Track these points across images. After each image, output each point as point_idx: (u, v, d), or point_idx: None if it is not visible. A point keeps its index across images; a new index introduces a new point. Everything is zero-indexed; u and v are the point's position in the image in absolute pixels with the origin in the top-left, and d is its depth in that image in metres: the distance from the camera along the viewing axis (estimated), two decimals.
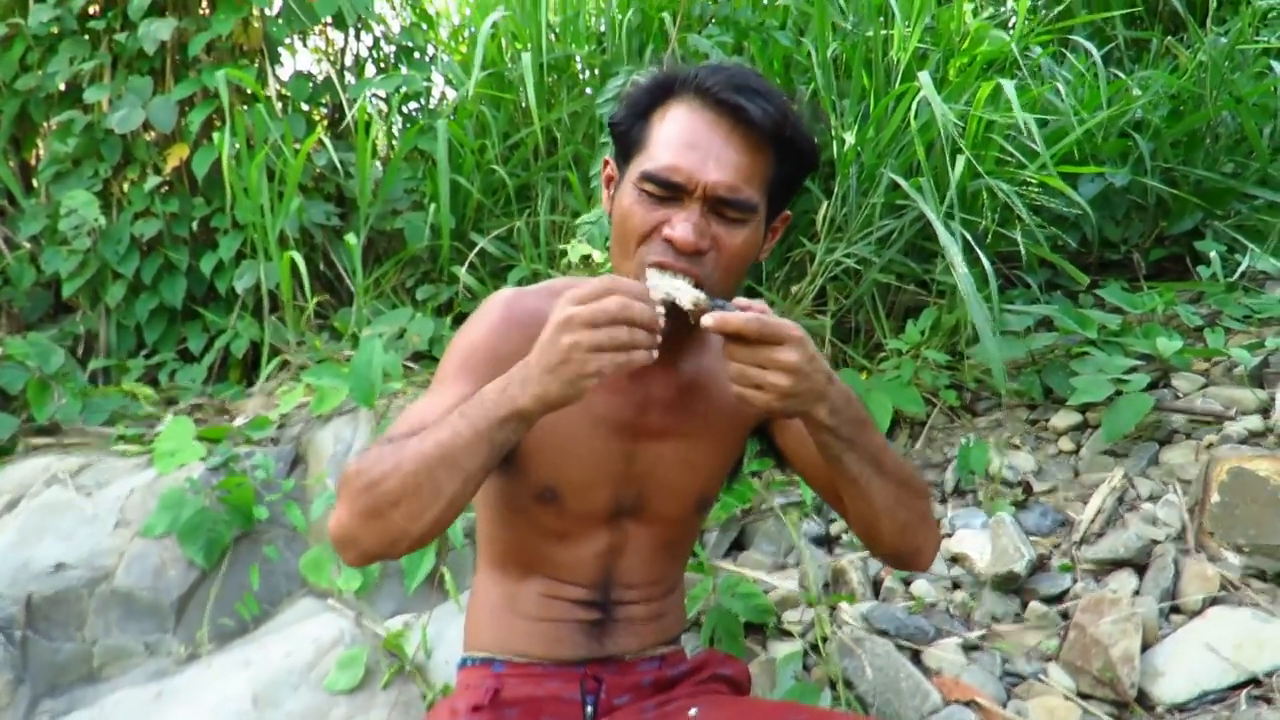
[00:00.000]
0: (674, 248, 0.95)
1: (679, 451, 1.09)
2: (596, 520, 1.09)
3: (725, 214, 0.96)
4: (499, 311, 1.05)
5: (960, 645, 1.56)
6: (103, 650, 1.79)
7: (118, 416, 2.41)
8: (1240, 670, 1.36)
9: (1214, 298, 2.26)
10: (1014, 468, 1.98)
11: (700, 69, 0.97)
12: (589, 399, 0.97)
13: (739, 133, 0.95)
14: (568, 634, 1.12)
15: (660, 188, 0.95)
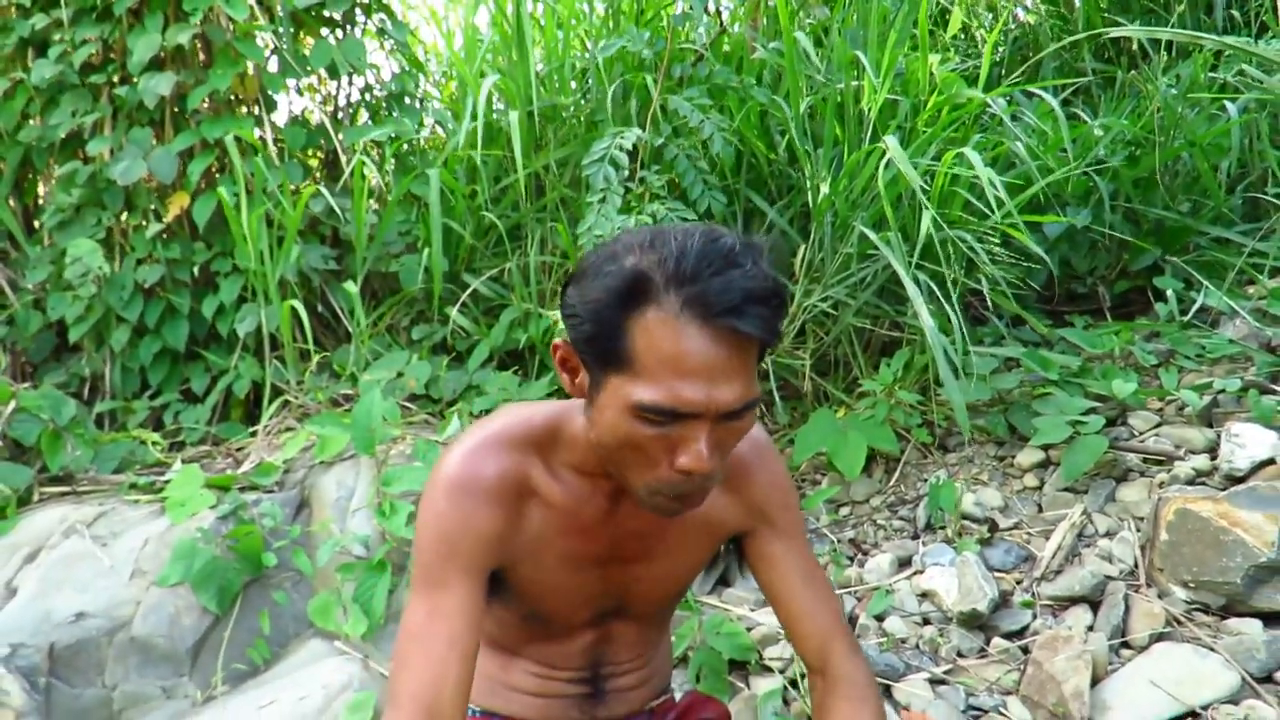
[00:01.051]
0: (690, 476, 0.90)
1: (654, 569, 1.13)
2: (581, 627, 1.17)
3: (733, 417, 0.90)
4: (461, 494, 1.01)
5: (928, 680, 1.67)
6: (122, 696, 1.89)
7: (127, 463, 2.50)
8: (1180, 704, 1.48)
9: (1169, 336, 2.39)
10: (981, 504, 2.10)
11: (672, 267, 0.85)
12: (563, 545, 1.06)
13: (738, 346, 0.86)
14: (560, 707, 1.20)
15: (664, 416, 0.87)
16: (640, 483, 0.93)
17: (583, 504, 1.05)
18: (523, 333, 2.76)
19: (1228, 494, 1.69)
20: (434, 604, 0.98)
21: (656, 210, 2.40)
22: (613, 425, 0.90)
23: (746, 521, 1.13)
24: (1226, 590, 1.64)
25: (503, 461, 1.03)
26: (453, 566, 1.00)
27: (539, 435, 1.05)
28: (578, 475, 1.05)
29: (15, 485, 2.26)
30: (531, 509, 1.05)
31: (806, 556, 1.14)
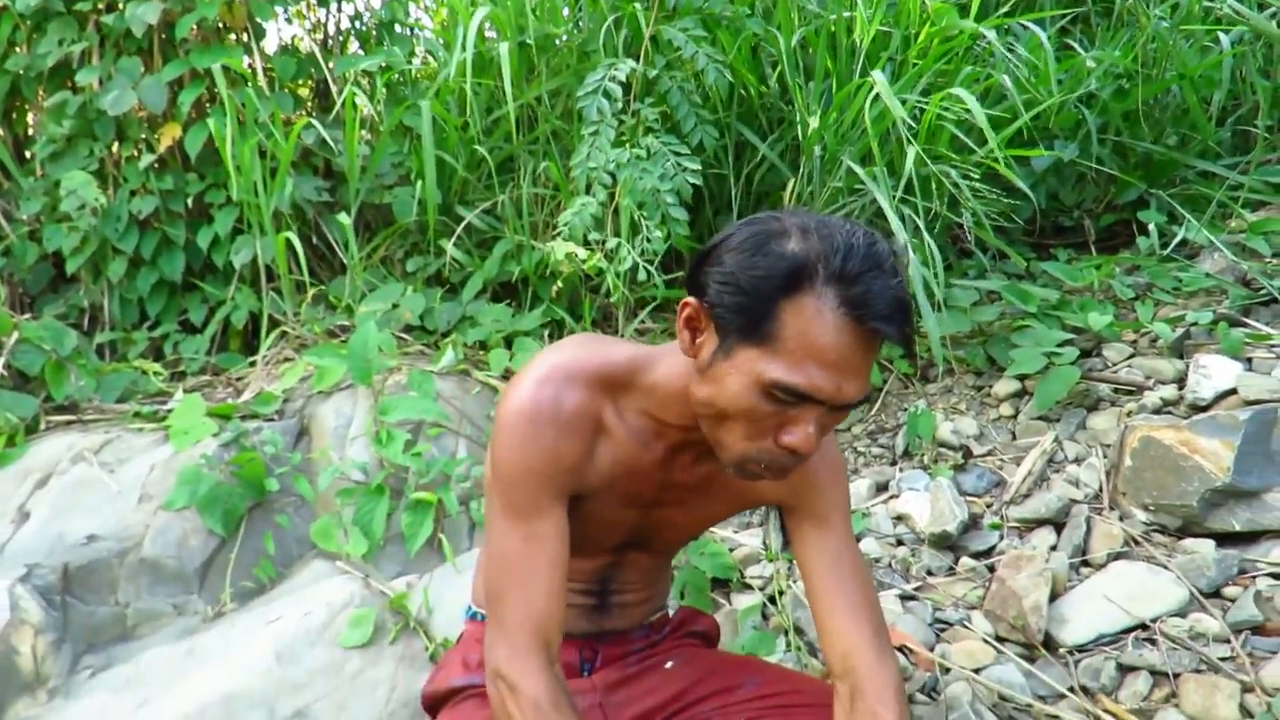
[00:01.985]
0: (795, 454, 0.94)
1: (686, 516, 1.19)
2: (601, 553, 1.24)
3: (844, 408, 0.94)
4: (544, 421, 1.03)
5: (898, 596, 1.77)
6: (135, 612, 1.98)
7: (130, 393, 2.57)
8: (1132, 616, 1.57)
9: (1148, 270, 2.44)
10: (958, 432, 2.18)
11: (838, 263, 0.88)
12: (624, 485, 1.10)
13: (872, 348, 0.92)
14: (568, 615, 1.29)
15: (793, 397, 0.91)
16: (737, 449, 0.96)
17: (643, 450, 1.08)
18: (516, 265, 2.80)
19: (1189, 422, 1.77)
20: (529, 530, 1.03)
21: (650, 144, 2.42)
22: (735, 394, 0.93)
23: (791, 497, 1.14)
24: (1183, 512, 1.72)
25: (580, 394, 1.05)
26: (543, 494, 1.04)
27: (616, 375, 1.07)
28: (644, 421, 1.08)
29: (22, 414, 2.33)
30: (601, 445, 1.07)
31: (846, 545, 1.14)
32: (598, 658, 1.33)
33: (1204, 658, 1.48)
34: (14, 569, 1.91)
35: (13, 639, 1.79)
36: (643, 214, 2.30)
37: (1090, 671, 1.53)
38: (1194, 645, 1.51)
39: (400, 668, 1.72)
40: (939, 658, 1.60)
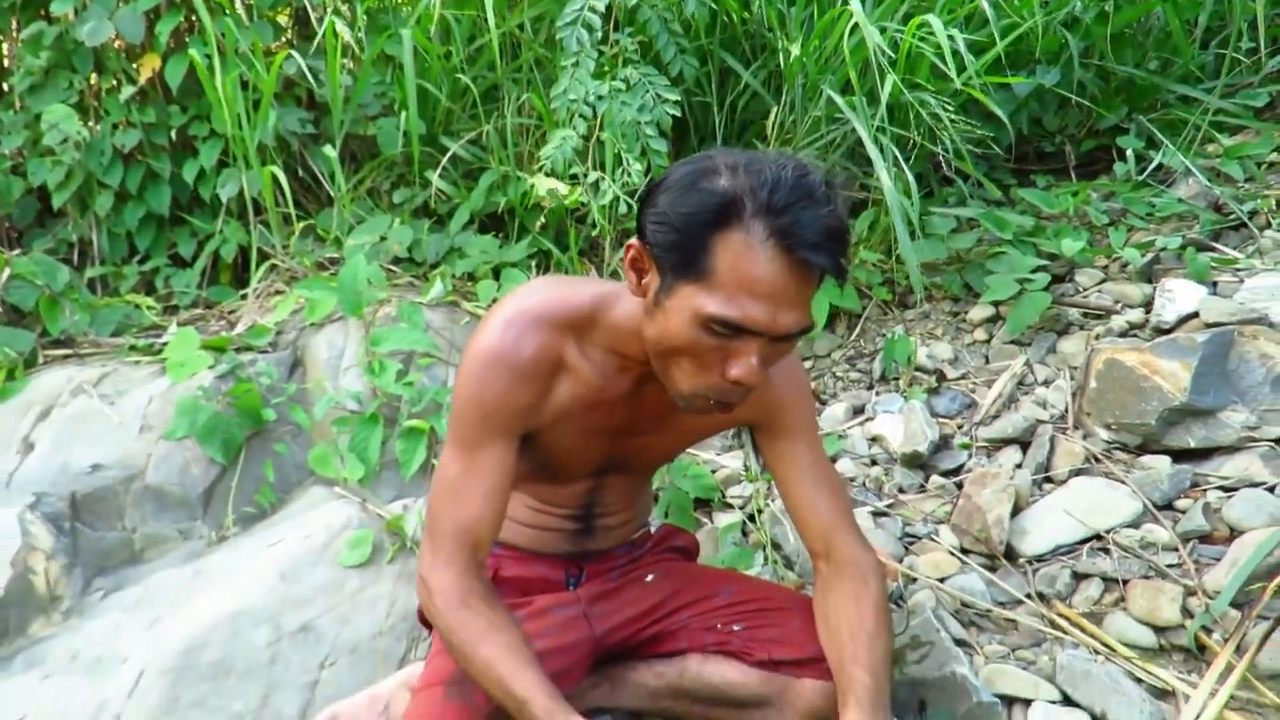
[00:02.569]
0: (739, 385, 0.99)
1: (661, 440, 1.28)
2: (581, 478, 1.32)
3: (786, 339, 0.99)
4: (502, 368, 1.09)
5: (870, 512, 1.86)
6: (142, 537, 2.07)
7: (124, 326, 2.61)
8: (1088, 528, 1.67)
9: (1123, 196, 2.48)
10: (933, 356, 2.25)
11: (765, 196, 0.92)
12: (585, 418, 1.17)
13: (806, 278, 0.95)
14: (552, 538, 1.38)
15: (730, 330, 0.96)
16: (686, 385, 1.02)
17: (609, 383, 1.16)
18: (502, 196, 2.82)
19: (1151, 345, 1.84)
20: (469, 462, 1.12)
21: (629, 75, 2.42)
22: (676, 330, 0.98)
23: (759, 417, 1.22)
24: (1142, 431, 1.81)
25: (540, 338, 1.11)
26: (488, 430, 1.12)
27: (580, 315, 1.13)
28: (610, 356, 1.14)
29: (19, 349, 2.37)
30: (561, 383, 1.15)
31: (816, 452, 1.24)
32: (582, 574, 1.43)
33: (1153, 565, 1.58)
34: (23, 497, 1.99)
35: (26, 563, 1.88)
36: (623, 146, 2.32)
37: (1047, 579, 1.63)
38: (1144, 554, 1.60)
39: (398, 585, 1.81)
40: (906, 569, 1.70)
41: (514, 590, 1.38)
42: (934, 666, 1.42)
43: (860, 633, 1.13)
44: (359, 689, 1.56)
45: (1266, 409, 1.75)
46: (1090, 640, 1.50)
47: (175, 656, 1.63)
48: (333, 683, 1.65)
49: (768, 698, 1.29)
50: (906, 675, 1.45)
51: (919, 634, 1.50)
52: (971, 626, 1.59)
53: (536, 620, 1.34)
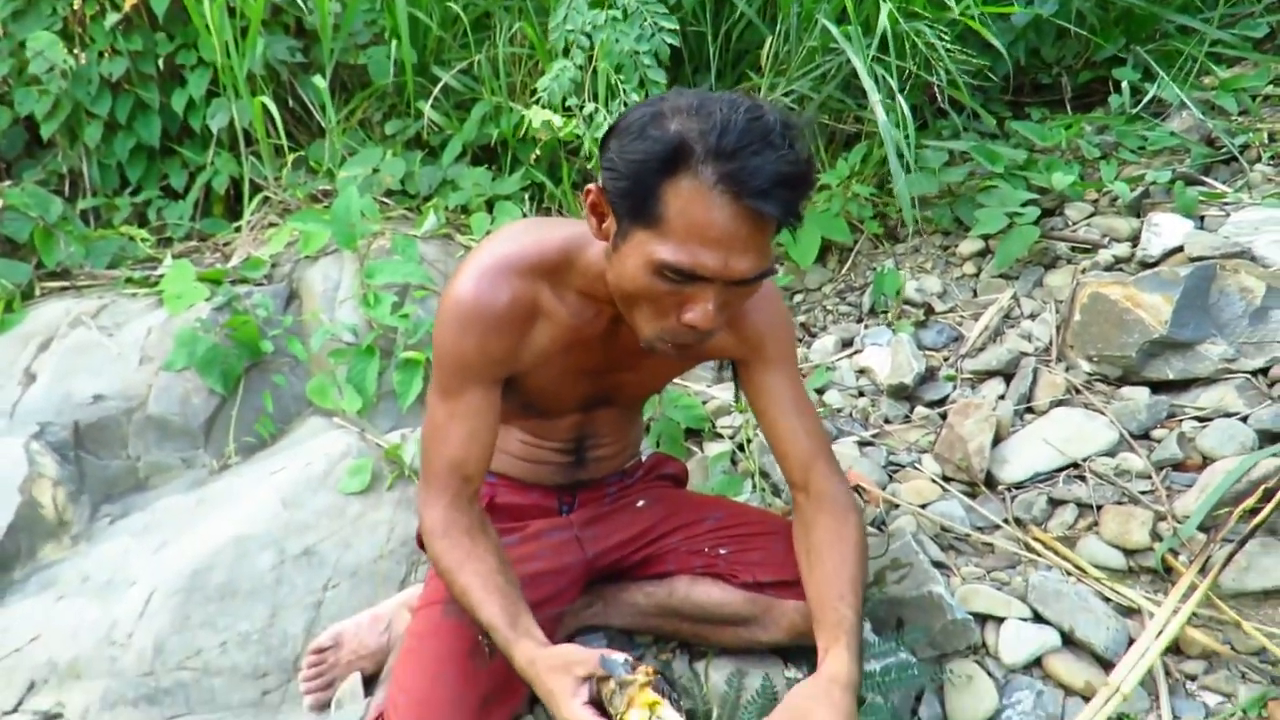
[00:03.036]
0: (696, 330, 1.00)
1: (642, 375, 1.31)
2: (568, 414, 1.36)
3: (743, 284, 0.99)
4: (475, 320, 1.12)
5: (856, 442, 1.91)
6: (146, 465, 2.12)
7: (120, 259, 2.62)
8: (1065, 456, 1.72)
9: (1116, 129, 2.47)
10: (922, 290, 2.27)
11: (714, 140, 0.90)
12: (565, 358, 1.20)
13: (759, 224, 0.94)
14: (546, 470, 1.42)
15: (682, 276, 0.96)
16: (647, 329, 1.03)
17: (586, 325, 1.18)
18: (494, 127, 2.80)
19: (1135, 279, 1.86)
20: (452, 409, 1.17)
21: (627, 4, 2.39)
22: (631, 275, 0.99)
23: (741, 351, 1.24)
24: (1123, 363, 1.85)
25: (514, 287, 1.12)
26: (466, 379, 1.16)
27: (552, 260, 1.15)
28: (584, 299, 1.16)
29: (16, 280, 2.39)
30: (539, 327, 1.17)
31: (796, 386, 1.26)
32: (575, 501, 1.48)
33: (1126, 491, 1.64)
34: (27, 427, 2.03)
35: (34, 490, 1.93)
36: (620, 77, 2.31)
37: (1024, 505, 1.69)
38: (1118, 481, 1.66)
39: (398, 511, 1.86)
40: (889, 496, 1.76)
41: (509, 516, 1.43)
42: (912, 586, 1.49)
43: (844, 569, 1.17)
44: (361, 609, 1.63)
45: (1244, 341, 1.79)
46: (1062, 562, 1.57)
47: (183, 579, 1.69)
48: (336, 603, 1.71)
49: (752, 616, 1.35)
50: (886, 595, 1.51)
51: (899, 556, 1.56)
52: (950, 550, 1.65)
53: (530, 544, 1.39)
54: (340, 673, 1.51)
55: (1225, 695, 1.37)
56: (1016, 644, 1.42)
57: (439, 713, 1.19)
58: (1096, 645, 1.40)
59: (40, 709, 1.57)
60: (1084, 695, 1.37)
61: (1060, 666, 1.40)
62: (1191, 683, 1.40)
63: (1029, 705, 1.36)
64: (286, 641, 1.64)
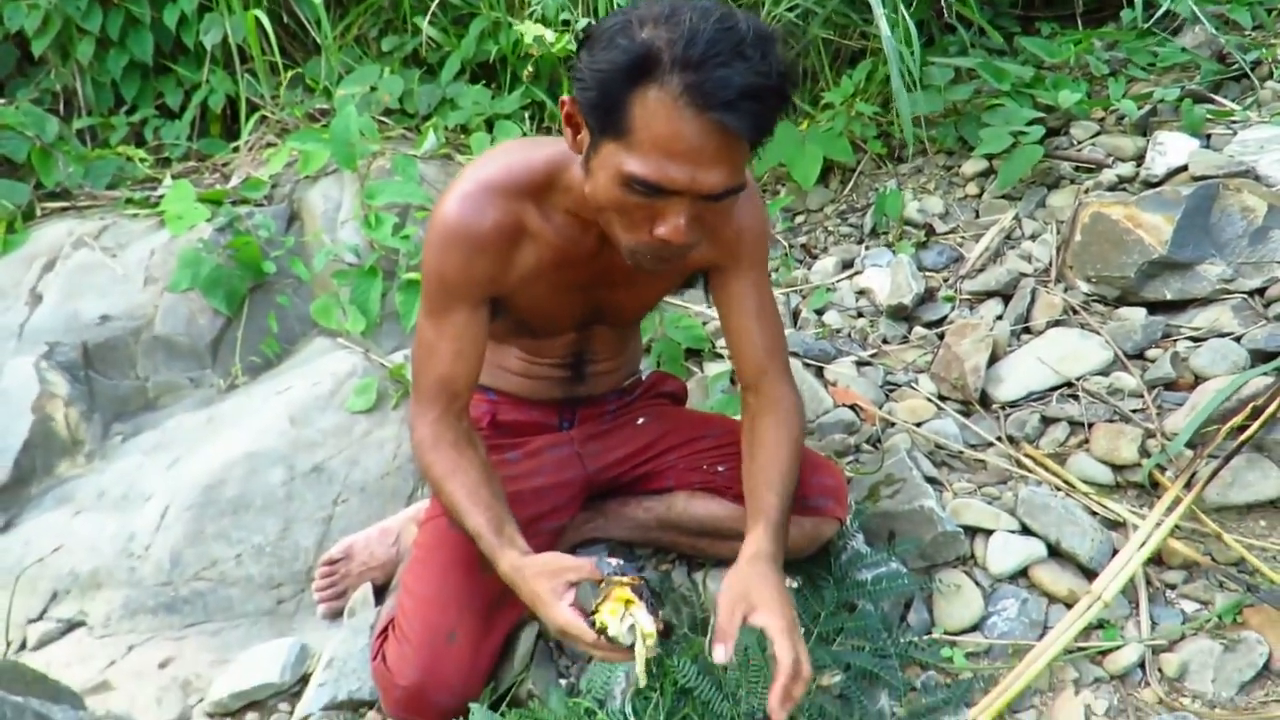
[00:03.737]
0: (668, 244, 0.99)
1: (631, 293, 1.32)
2: (563, 332, 1.37)
3: (716, 199, 0.97)
4: (460, 241, 1.13)
5: (854, 362, 1.94)
6: (155, 385, 2.15)
7: (118, 179, 2.61)
8: (1060, 376, 1.75)
9: (1126, 45, 2.43)
10: (924, 210, 2.27)
11: (680, 49, 0.88)
12: (553, 276, 1.20)
13: (728, 138, 0.91)
14: (545, 386, 1.45)
15: (649, 189, 0.94)
16: (623, 241, 1.03)
17: (573, 243, 1.18)
18: (493, 44, 2.75)
19: (1137, 198, 1.86)
20: (440, 328, 1.19)
21: None
22: (603, 187, 0.98)
23: (719, 257, 1.24)
24: (1121, 283, 1.86)
25: (499, 209, 1.13)
26: (451, 300, 1.18)
27: (537, 180, 1.14)
28: (570, 218, 1.15)
29: (16, 201, 2.39)
30: (525, 248, 1.18)
31: (764, 291, 1.27)
32: (575, 417, 1.51)
33: (1117, 410, 1.67)
34: (36, 347, 2.06)
35: (46, 409, 1.96)
36: None
37: (1017, 423, 1.72)
38: (1110, 400, 1.69)
39: (403, 429, 1.90)
40: (885, 414, 1.79)
41: (511, 433, 1.46)
42: (904, 501, 1.53)
43: (776, 463, 1.21)
44: (369, 524, 1.68)
45: (1243, 262, 1.80)
46: (1052, 478, 1.61)
47: (197, 493, 1.73)
48: (345, 518, 1.76)
49: None
50: (879, 509, 1.56)
51: (893, 472, 1.60)
52: (943, 466, 1.69)
53: (532, 459, 1.43)
54: (352, 583, 1.56)
55: (1203, 603, 1.42)
56: (1004, 555, 1.47)
57: (447, 616, 1.24)
58: (1081, 556, 1.45)
59: (64, 617, 1.63)
60: (1067, 603, 1.43)
61: (1045, 576, 1.45)
62: (1171, 591, 1.45)
63: (1014, 612, 1.42)
64: (298, 554, 1.70)
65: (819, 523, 1.38)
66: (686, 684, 1.25)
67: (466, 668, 1.23)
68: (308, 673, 1.44)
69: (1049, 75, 2.39)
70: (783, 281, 2.25)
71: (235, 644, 1.55)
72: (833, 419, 1.80)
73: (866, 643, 1.37)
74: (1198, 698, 1.30)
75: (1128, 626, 1.40)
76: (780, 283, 2.26)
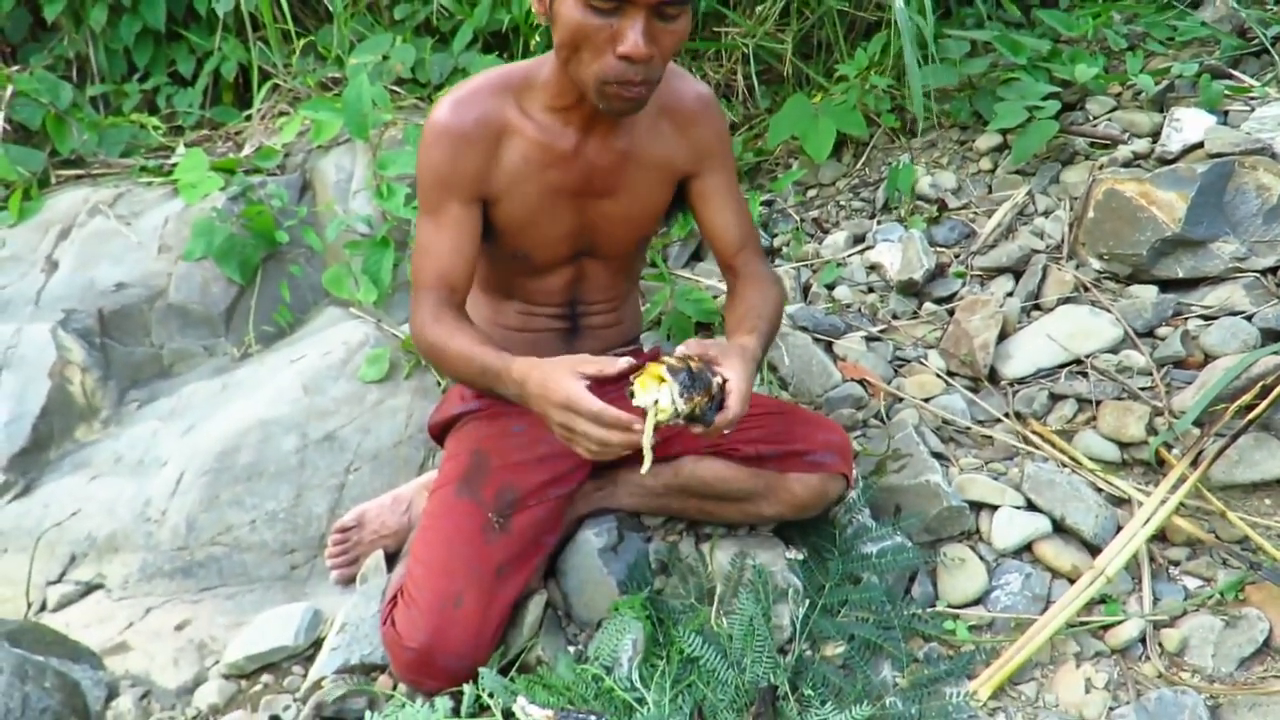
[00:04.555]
0: (629, 61, 1.10)
1: (619, 205, 1.37)
2: (559, 262, 1.41)
3: (666, 13, 1.09)
4: (447, 137, 1.25)
5: (864, 337, 1.94)
6: (170, 353, 2.17)
7: (133, 147, 2.62)
8: (1069, 353, 1.75)
9: (1145, 18, 2.39)
10: (936, 185, 2.25)
11: None
12: (540, 177, 1.29)
13: None
14: (544, 341, 1.47)
15: (605, 2, 1.06)
16: (590, 73, 1.13)
17: (555, 138, 1.28)
18: (505, 13, 2.74)
19: (1151, 175, 1.85)
20: (436, 225, 1.29)
21: None
22: (567, 18, 1.09)
23: (692, 164, 1.38)
24: (1133, 260, 1.85)
25: (483, 106, 1.26)
26: (445, 195, 1.28)
27: (515, 81, 1.28)
28: (549, 113, 1.27)
29: (31, 168, 2.40)
30: (510, 146, 1.28)
31: (734, 188, 1.43)
32: None
33: (1126, 387, 1.67)
34: (52, 313, 2.08)
35: (63, 375, 1.99)
36: None
37: (1025, 400, 1.72)
38: (1119, 377, 1.69)
39: (415, 398, 1.92)
40: (894, 389, 1.80)
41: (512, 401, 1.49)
42: (910, 475, 1.54)
43: (760, 309, 1.32)
44: (381, 492, 1.71)
45: (1257, 240, 1.79)
46: (1058, 455, 1.61)
47: (211, 459, 1.76)
48: (357, 486, 1.79)
49: (755, 491, 1.42)
50: (886, 483, 1.57)
51: (900, 447, 1.62)
52: (950, 442, 1.70)
53: (538, 427, 1.44)
54: (364, 550, 1.59)
55: (1205, 580, 1.43)
56: (1008, 530, 1.49)
57: (455, 582, 1.27)
58: (1085, 532, 1.46)
59: (82, 580, 1.67)
60: (1070, 578, 1.44)
61: (1049, 551, 1.47)
62: (1174, 568, 1.47)
63: (1017, 586, 1.43)
64: (311, 521, 1.72)
65: (825, 479, 1.40)
66: (692, 653, 1.27)
67: (474, 632, 1.26)
68: (321, 636, 1.47)
69: (1066, 49, 2.37)
70: (793, 256, 2.25)
71: (250, 608, 1.58)
72: (841, 393, 1.81)
73: (870, 615, 1.39)
74: (1197, 672, 1.32)
75: (1130, 602, 1.42)
76: (791, 257, 2.25)
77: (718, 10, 2.70)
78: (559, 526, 1.45)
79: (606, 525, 1.52)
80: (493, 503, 1.34)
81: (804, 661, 1.32)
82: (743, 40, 2.64)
